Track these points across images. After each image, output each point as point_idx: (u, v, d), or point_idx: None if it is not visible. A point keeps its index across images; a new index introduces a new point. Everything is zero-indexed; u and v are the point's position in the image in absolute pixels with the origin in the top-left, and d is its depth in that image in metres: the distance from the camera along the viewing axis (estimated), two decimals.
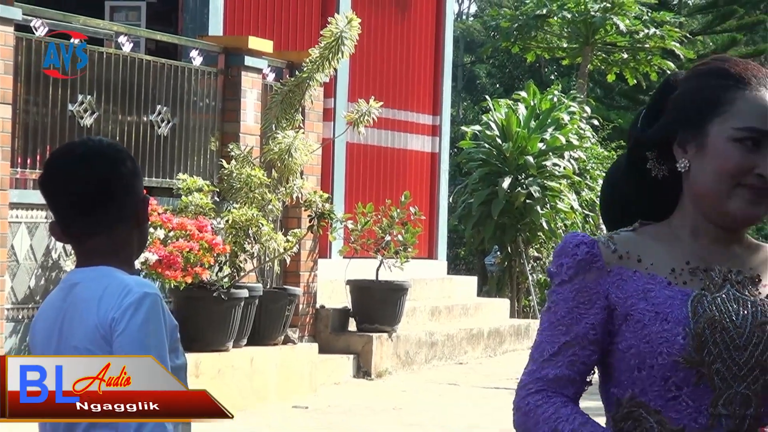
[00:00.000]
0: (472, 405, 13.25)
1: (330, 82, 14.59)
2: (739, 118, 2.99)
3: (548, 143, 20.84)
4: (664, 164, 3.08)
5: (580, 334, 3.02)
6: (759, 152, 2.98)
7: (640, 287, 3.03)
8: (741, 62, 3.11)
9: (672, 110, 3.07)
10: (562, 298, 3.05)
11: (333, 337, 14.34)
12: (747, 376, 2.98)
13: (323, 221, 13.44)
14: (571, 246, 3.06)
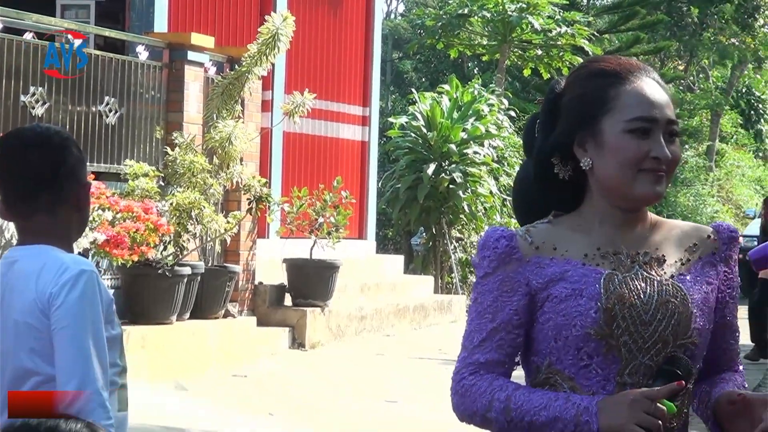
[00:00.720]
0: (398, 373, 13.27)
1: (267, 75, 14.54)
2: (626, 111, 3.07)
3: (469, 133, 20.88)
4: (567, 165, 3.14)
5: (505, 320, 3.09)
6: (650, 137, 3.06)
7: (557, 271, 3.10)
8: (613, 59, 3.20)
9: (565, 116, 3.13)
10: (487, 289, 3.11)
11: (270, 311, 14.33)
12: (651, 349, 3.05)
13: (261, 204, 13.53)
14: (492, 240, 3.12)
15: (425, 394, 11.84)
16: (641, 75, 3.13)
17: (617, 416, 2.92)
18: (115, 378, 3.73)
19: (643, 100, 3.07)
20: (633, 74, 3.12)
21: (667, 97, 3.11)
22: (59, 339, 3.59)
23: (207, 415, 10.23)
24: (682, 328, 3.05)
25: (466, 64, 36.23)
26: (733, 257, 3.20)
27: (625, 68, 3.13)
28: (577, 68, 3.25)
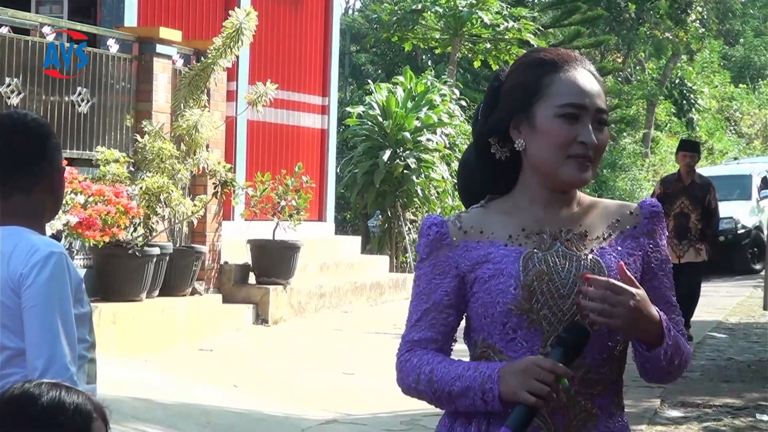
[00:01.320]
0: (355, 348, 13.27)
1: (232, 67, 14.55)
2: (558, 97, 3.09)
3: (423, 121, 20.89)
4: (504, 147, 3.15)
5: (437, 301, 3.13)
6: (579, 123, 3.07)
7: (482, 253, 3.11)
8: (552, 50, 3.22)
9: (504, 101, 3.15)
10: (422, 273, 3.17)
11: (235, 289, 14.31)
12: (570, 320, 3.06)
13: (226, 188, 13.58)
14: (425, 228, 3.18)
15: (380, 367, 11.81)
16: (576, 65, 3.14)
17: (513, 383, 2.93)
18: (83, 352, 3.73)
19: (575, 88, 3.09)
20: (568, 64, 3.13)
21: (599, 88, 3.13)
22: (29, 317, 3.60)
23: (175, 387, 10.18)
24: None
25: (419, 56, 36.23)
26: (657, 230, 3.20)
27: (562, 58, 3.14)
28: (520, 58, 3.27)
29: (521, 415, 2.91)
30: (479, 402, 2.99)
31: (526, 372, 2.92)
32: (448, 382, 3.03)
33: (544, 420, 3.04)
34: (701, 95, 47.24)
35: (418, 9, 27.91)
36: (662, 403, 10.82)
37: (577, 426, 3.07)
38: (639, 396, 10.75)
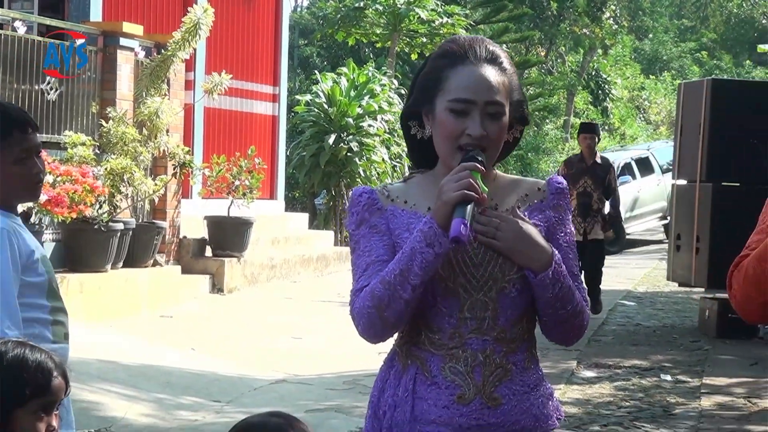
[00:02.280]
0: (303, 314, 13.25)
1: (190, 58, 14.52)
2: (451, 91, 3.03)
3: (364, 108, 20.91)
4: (423, 129, 3.11)
5: (379, 254, 3.06)
6: (468, 117, 3.01)
7: (404, 222, 3.08)
8: (466, 40, 3.14)
9: (415, 89, 3.12)
10: (361, 234, 3.10)
11: (193, 261, 14.26)
12: (483, 287, 3.03)
13: (185, 169, 13.63)
14: (356, 196, 3.13)
15: (326, 331, 11.82)
16: (477, 58, 3.05)
17: (440, 201, 2.92)
18: (43, 316, 3.72)
19: (466, 83, 3.01)
20: (470, 57, 3.05)
21: (496, 82, 3.03)
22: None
23: (137, 350, 10.12)
24: (507, 266, 3.01)
25: (362, 50, 36.14)
26: (561, 205, 3.16)
27: (465, 50, 3.06)
28: (442, 43, 3.21)
29: (461, 210, 2.89)
30: (427, 252, 2.91)
31: (446, 184, 2.91)
32: (394, 265, 2.96)
33: (464, 378, 3.02)
34: (615, 86, 47.51)
35: (360, 6, 27.92)
36: (578, 365, 10.86)
37: (494, 382, 3.03)
38: (557, 359, 10.80)
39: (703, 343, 12.26)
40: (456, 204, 2.89)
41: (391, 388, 3.09)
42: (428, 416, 3.03)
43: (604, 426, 8.52)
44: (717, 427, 8.57)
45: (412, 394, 3.05)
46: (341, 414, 8.51)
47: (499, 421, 3.03)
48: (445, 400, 3.02)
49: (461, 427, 3.01)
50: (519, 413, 3.06)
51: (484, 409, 3.02)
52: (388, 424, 3.07)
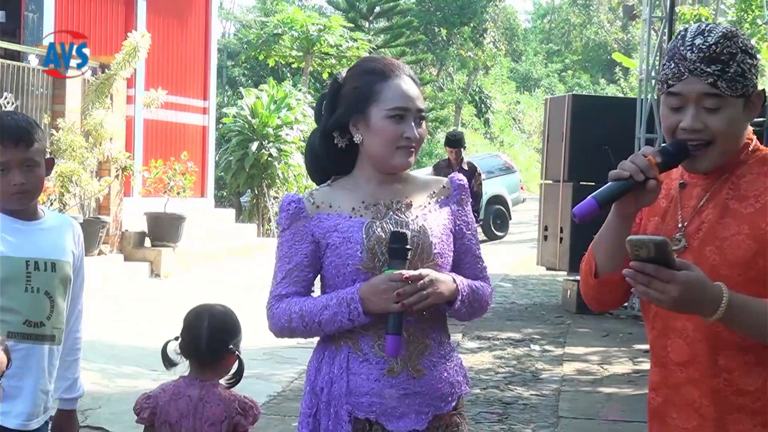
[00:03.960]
0: (229, 297, 13.12)
1: (131, 77, 14.33)
2: (387, 102, 3.04)
3: (283, 120, 20.83)
4: (344, 137, 3.11)
5: (298, 262, 3.07)
6: (404, 122, 3.04)
7: (332, 224, 3.07)
8: (382, 59, 3.18)
9: (344, 102, 3.10)
10: (284, 240, 3.09)
11: (134, 250, 14.06)
12: None
13: (126, 172, 13.53)
14: (285, 204, 3.11)
15: (248, 311, 11.66)
16: (400, 74, 3.10)
17: (378, 301, 2.94)
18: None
19: (400, 93, 3.05)
20: (394, 73, 3.08)
21: (418, 91, 3.11)
22: None
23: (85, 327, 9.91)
24: (425, 254, 3.04)
25: (280, 70, 35.92)
26: (463, 198, 3.20)
27: (389, 68, 3.09)
28: (355, 65, 3.22)
29: (396, 320, 2.95)
30: (346, 322, 2.98)
31: (387, 290, 2.93)
32: (316, 313, 3.00)
33: None
34: (494, 100, 47.86)
35: (278, 33, 27.79)
36: (463, 337, 10.90)
37: (417, 356, 3.05)
38: None
39: (565, 318, 12.38)
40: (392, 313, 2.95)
41: (327, 366, 3.08)
42: (362, 389, 3.04)
43: (483, 389, 8.56)
44: (575, 389, 8.65)
45: (346, 370, 3.05)
46: (261, 380, 8.48)
47: (423, 390, 3.06)
48: (377, 374, 3.03)
49: (391, 397, 3.03)
50: (438, 381, 3.08)
51: (410, 379, 3.04)
52: (327, 398, 3.06)
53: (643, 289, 2.43)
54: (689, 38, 2.62)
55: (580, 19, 59.60)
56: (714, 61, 2.58)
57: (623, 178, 2.58)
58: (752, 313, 2.50)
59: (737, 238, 2.59)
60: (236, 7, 51.09)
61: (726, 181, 2.66)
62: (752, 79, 2.63)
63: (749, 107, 2.65)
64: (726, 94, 2.59)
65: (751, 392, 2.63)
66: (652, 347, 2.79)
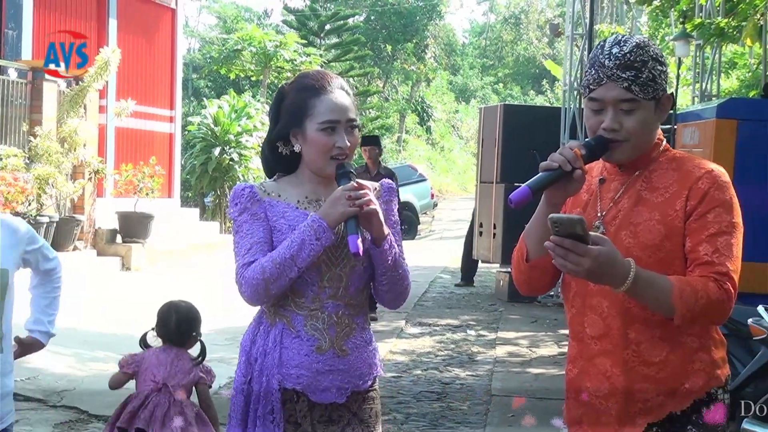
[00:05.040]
0: (194, 288, 13.04)
1: (103, 88, 14.20)
2: (319, 116, 3.04)
3: (243, 127, 20.75)
4: (288, 147, 3.10)
5: (260, 237, 3.04)
6: (335, 133, 3.04)
7: (281, 210, 3.07)
8: (317, 75, 3.17)
9: (284, 116, 3.09)
10: (244, 221, 3.05)
11: (106, 246, 13.92)
12: (340, 263, 3.07)
13: (99, 175, 13.41)
14: (239, 190, 3.09)
15: (212, 301, 11.63)
16: (333, 87, 3.08)
17: (335, 210, 2.95)
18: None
19: (331, 107, 3.04)
20: (326, 88, 3.07)
21: (350, 103, 3.09)
22: None
23: (61, 317, 9.79)
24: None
25: (241, 82, 35.73)
26: (391, 201, 3.21)
27: (321, 83, 3.08)
28: (294, 80, 3.20)
29: (353, 221, 2.94)
30: (315, 243, 2.96)
31: (341, 197, 2.94)
32: (285, 250, 2.96)
33: (322, 334, 3.05)
34: (435, 110, 47.93)
35: (238, 48, 27.69)
36: (406, 323, 10.91)
37: (343, 337, 3.08)
38: (390, 319, 10.83)
39: (498, 305, 12.44)
40: (349, 217, 2.95)
41: (261, 339, 3.09)
42: (292, 362, 3.05)
43: (424, 370, 8.57)
44: (507, 369, 8.69)
45: (279, 344, 3.06)
46: (223, 364, 8.41)
47: (346, 368, 3.08)
48: (306, 349, 3.05)
49: (318, 372, 3.05)
50: (360, 362, 3.11)
51: (336, 357, 3.06)
52: (260, 368, 3.07)
53: (561, 261, 2.50)
54: (607, 48, 2.73)
55: (511, 36, 59.89)
56: (628, 68, 2.68)
57: (553, 168, 2.66)
58: (656, 287, 2.57)
59: (649, 223, 2.69)
60: (200, 25, 50.75)
61: (640, 176, 2.76)
62: (662, 84, 2.73)
63: (660, 109, 2.75)
64: (639, 98, 2.69)
65: (656, 363, 2.70)
66: (571, 324, 2.86)
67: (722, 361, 2.76)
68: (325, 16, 37.32)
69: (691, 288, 2.57)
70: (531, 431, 7.02)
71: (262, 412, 3.05)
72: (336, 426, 3.08)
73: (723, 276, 2.60)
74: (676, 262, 2.65)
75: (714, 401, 2.71)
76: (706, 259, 2.61)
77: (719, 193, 2.66)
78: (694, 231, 2.64)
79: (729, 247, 2.63)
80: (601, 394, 2.75)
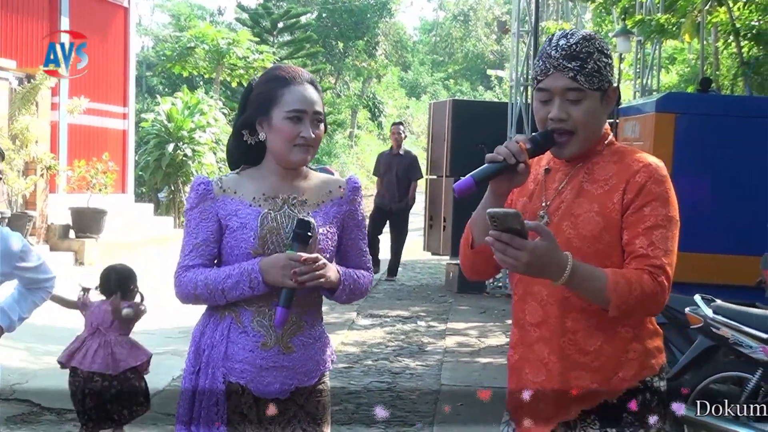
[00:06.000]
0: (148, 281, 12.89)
1: (56, 86, 14.00)
2: (286, 105, 3.03)
3: (196, 123, 20.59)
4: (253, 136, 3.09)
5: (204, 237, 3.03)
6: (301, 123, 3.04)
7: (234, 208, 3.04)
8: (288, 68, 3.16)
9: (252, 105, 3.08)
10: (192, 218, 3.05)
11: (59, 241, 13.77)
12: None
13: (51, 171, 13.18)
14: (195, 184, 3.09)
15: (165, 294, 11.51)
16: (302, 81, 3.08)
17: (276, 274, 2.94)
18: None
19: (299, 98, 3.03)
20: (296, 80, 3.07)
21: (318, 97, 3.09)
22: None
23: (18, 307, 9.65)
24: (311, 248, 3.02)
25: (194, 79, 35.46)
26: (356, 200, 3.18)
27: (292, 75, 3.08)
28: (264, 72, 3.20)
29: (288, 294, 2.95)
30: (247, 290, 2.97)
31: (285, 267, 2.92)
32: (220, 281, 2.98)
33: (267, 330, 3.04)
34: (386, 105, 47.96)
35: (191, 47, 27.45)
36: (357, 315, 10.89)
37: (290, 335, 3.07)
38: (342, 311, 10.80)
39: (448, 297, 12.45)
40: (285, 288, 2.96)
41: (210, 332, 3.08)
42: (237, 356, 3.05)
43: (375, 360, 8.56)
44: (456, 359, 8.70)
45: (226, 338, 3.05)
46: (176, 356, 8.40)
47: (290, 365, 3.07)
48: (252, 345, 3.04)
49: (261, 367, 3.05)
50: (305, 359, 3.09)
51: (281, 354, 3.06)
52: (206, 359, 3.07)
53: (500, 255, 2.51)
54: (555, 40, 2.75)
55: (460, 33, 60.06)
56: (574, 59, 2.69)
57: (498, 161, 2.66)
58: (592, 280, 2.57)
59: (588, 215, 2.70)
60: (153, 24, 50.28)
61: (583, 167, 2.77)
62: (607, 76, 2.74)
63: (606, 101, 2.76)
64: (585, 88, 2.70)
65: (591, 352, 2.71)
66: (514, 310, 2.87)
67: (657, 350, 2.78)
68: (278, 14, 37.17)
69: (625, 280, 2.58)
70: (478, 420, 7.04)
71: (207, 404, 3.05)
72: (282, 417, 3.07)
73: (657, 269, 2.61)
74: (614, 254, 2.67)
75: (648, 390, 2.73)
76: (642, 252, 2.62)
77: (656, 186, 2.67)
78: (631, 224, 2.65)
79: (664, 240, 2.64)
80: (539, 380, 2.76)
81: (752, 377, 5.54)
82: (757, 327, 5.57)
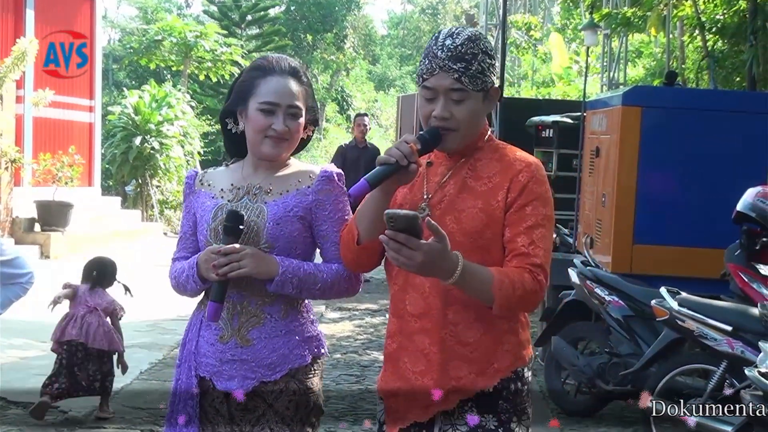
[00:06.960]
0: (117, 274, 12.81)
1: (21, 78, 13.88)
2: (260, 96, 2.99)
3: (164, 117, 20.49)
4: (237, 124, 3.06)
5: (185, 231, 3.11)
6: (273, 116, 2.98)
7: (201, 201, 3.07)
8: (274, 57, 3.10)
9: (234, 94, 3.06)
10: (184, 210, 3.13)
11: (24, 235, 13.68)
12: None
13: (15, 164, 13.02)
14: (186, 179, 3.13)
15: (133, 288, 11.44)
16: (281, 72, 3.02)
17: (203, 269, 2.95)
18: None
19: (273, 89, 2.98)
20: (274, 70, 3.01)
21: (297, 90, 3.01)
22: None
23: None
24: (255, 235, 2.97)
25: (162, 72, 35.24)
26: (325, 190, 3.05)
27: (271, 66, 3.03)
28: (252, 61, 3.17)
29: (217, 288, 2.94)
30: (193, 284, 3.02)
31: (207, 260, 2.93)
32: (179, 275, 3.06)
33: (225, 323, 3.03)
34: (355, 98, 47.95)
35: (159, 39, 27.26)
36: (326, 308, 10.90)
37: (248, 327, 3.03)
38: (312, 304, 10.78)
39: None
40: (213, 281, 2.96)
41: (190, 326, 3.14)
42: (203, 350, 3.07)
43: (344, 354, 8.57)
44: None
45: (198, 333, 3.09)
46: (144, 349, 8.39)
47: (249, 358, 3.03)
48: (213, 339, 3.05)
49: (221, 361, 3.04)
50: (268, 352, 3.03)
51: (238, 347, 3.03)
52: (186, 354, 3.11)
53: (394, 255, 2.56)
54: (441, 40, 2.79)
55: (429, 26, 60.11)
56: (459, 60, 2.74)
57: (390, 163, 2.71)
58: (479, 279, 2.66)
59: (472, 211, 2.77)
60: (120, 17, 49.90)
61: (466, 162, 2.84)
62: (490, 77, 2.80)
63: (488, 100, 2.83)
64: (469, 89, 2.76)
65: (471, 344, 2.79)
66: (393, 300, 2.93)
67: (527, 342, 2.88)
68: (246, 6, 37.01)
69: (509, 280, 2.66)
70: None
71: (183, 398, 3.08)
72: (251, 415, 3.04)
73: (537, 267, 2.70)
74: (493, 249, 2.75)
75: (519, 379, 2.83)
76: (523, 251, 2.71)
77: (537, 186, 2.76)
78: (512, 222, 2.74)
79: (544, 239, 2.73)
80: (418, 370, 2.82)
81: (717, 369, 5.58)
82: (722, 319, 5.62)
